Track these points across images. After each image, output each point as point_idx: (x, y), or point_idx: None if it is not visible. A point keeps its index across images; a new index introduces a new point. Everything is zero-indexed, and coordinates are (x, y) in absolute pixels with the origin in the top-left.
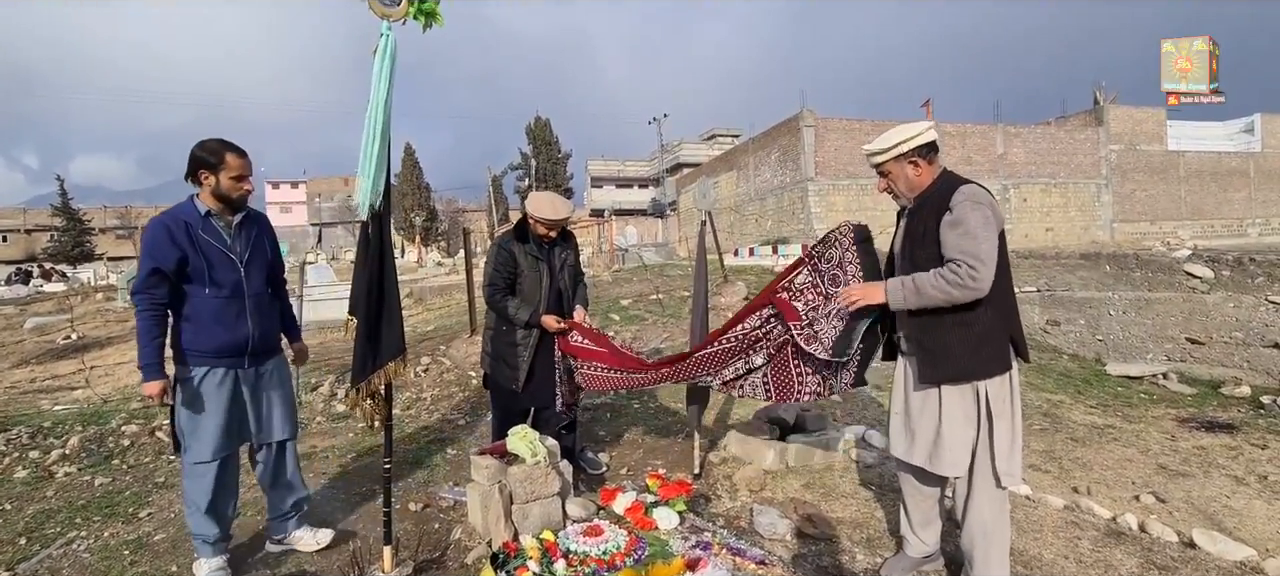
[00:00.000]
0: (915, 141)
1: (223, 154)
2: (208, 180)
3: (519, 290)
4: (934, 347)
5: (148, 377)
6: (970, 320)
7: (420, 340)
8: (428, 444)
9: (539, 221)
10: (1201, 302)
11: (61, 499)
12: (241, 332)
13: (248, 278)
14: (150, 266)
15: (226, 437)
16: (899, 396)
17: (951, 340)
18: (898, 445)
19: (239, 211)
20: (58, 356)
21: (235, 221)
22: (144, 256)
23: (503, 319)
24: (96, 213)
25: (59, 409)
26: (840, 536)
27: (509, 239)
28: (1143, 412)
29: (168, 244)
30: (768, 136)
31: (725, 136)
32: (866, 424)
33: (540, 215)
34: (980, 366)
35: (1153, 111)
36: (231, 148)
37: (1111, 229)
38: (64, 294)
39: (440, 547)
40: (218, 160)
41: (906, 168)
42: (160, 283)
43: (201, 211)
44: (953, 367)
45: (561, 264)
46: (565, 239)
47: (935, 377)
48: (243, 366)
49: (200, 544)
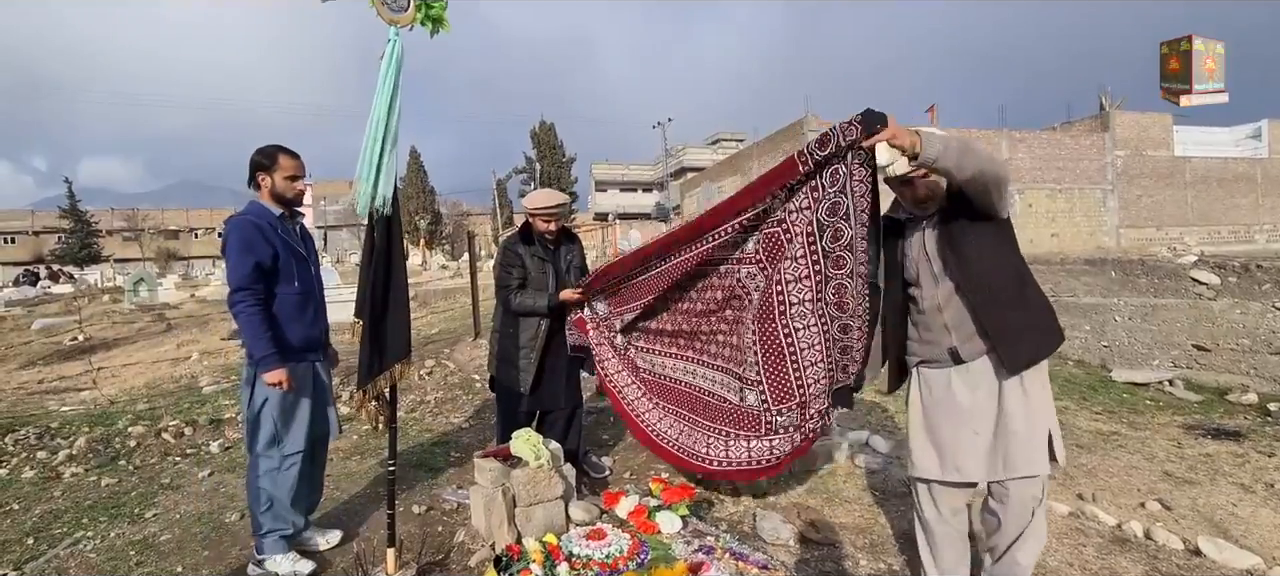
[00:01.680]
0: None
1: (276, 155)
2: (265, 182)
3: (525, 288)
4: (1008, 330)
5: (269, 367)
6: (1028, 296)
7: (424, 343)
8: (432, 446)
9: (537, 213)
10: (1208, 309)
11: (68, 499)
12: (319, 328)
13: (315, 276)
14: (252, 261)
15: (312, 428)
16: (943, 414)
17: (1020, 320)
18: (965, 467)
19: (297, 214)
20: (65, 357)
21: (298, 226)
22: (240, 253)
23: (522, 313)
24: (103, 215)
25: (66, 410)
26: (843, 542)
27: (515, 241)
28: (1149, 419)
29: (260, 239)
30: (772, 141)
31: (729, 141)
32: (870, 429)
33: (536, 205)
34: (1052, 338)
35: (1159, 117)
36: (284, 150)
37: (1118, 234)
38: (71, 295)
39: (443, 550)
40: (272, 161)
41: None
42: (260, 277)
43: (276, 213)
44: (1033, 345)
45: (567, 265)
46: (569, 239)
47: (1020, 361)
48: (321, 360)
49: (275, 540)
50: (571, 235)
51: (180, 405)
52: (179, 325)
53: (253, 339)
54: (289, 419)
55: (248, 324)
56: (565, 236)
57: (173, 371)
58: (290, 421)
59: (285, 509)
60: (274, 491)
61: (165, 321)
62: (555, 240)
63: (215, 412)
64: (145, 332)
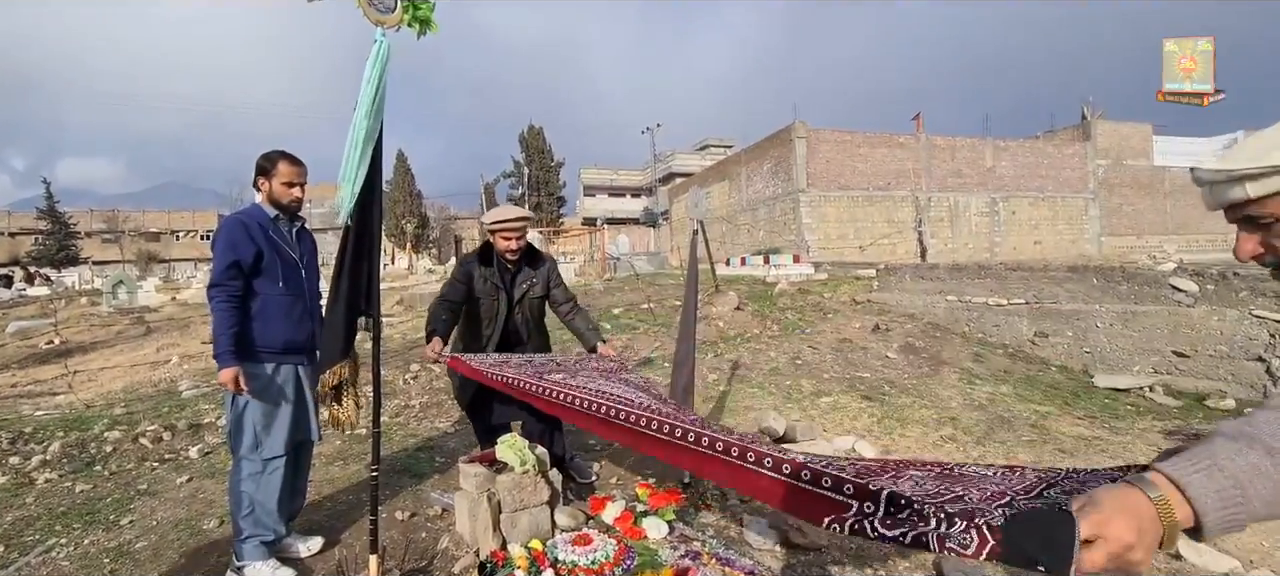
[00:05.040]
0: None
1: (276, 161)
2: (263, 185)
3: (476, 314)
4: None
5: (223, 365)
6: None
7: (409, 347)
8: (416, 451)
9: (497, 229)
10: (1186, 316)
11: (41, 505)
12: (305, 330)
13: (307, 280)
14: (230, 259)
15: (294, 432)
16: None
17: None
18: None
19: (295, 219)
20: (40, 361)
21: (295, 229)
22: (222, 250)
23: (429, 325)
24: (83, 216)
25: (40, 414)
26: (830, 547)
27: (472, 259)
28: (1129, 425)
29: (245, 238)
30: (760, 148)
31: (718, 147)
32: (855, 434)
33: (493, 219)
34: None
35: (1139, 127)
36: (286, 156)
37: (1099, 243)
38: (48, 298)
39: (428, 556)
40: (271, 166)
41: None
42: (237, 276)
43: (270, 215)
44: None
45: (522, 294)
46: (534, 262)
47: None
48: (304, 364)
49: (255, 546)
50: (537, 257)
51: (159, 409)
52: (159, 328)
53: (217, 334)
54: (269, 422)
55: (216, 319)
56: (530, 258)
57: (152, 375)
58: (271, 424)
59: (267, 514)
60: (256, 495)
61: (145, 324)
62: (516, 262)
63: (195, 417)
64: (124, 336)
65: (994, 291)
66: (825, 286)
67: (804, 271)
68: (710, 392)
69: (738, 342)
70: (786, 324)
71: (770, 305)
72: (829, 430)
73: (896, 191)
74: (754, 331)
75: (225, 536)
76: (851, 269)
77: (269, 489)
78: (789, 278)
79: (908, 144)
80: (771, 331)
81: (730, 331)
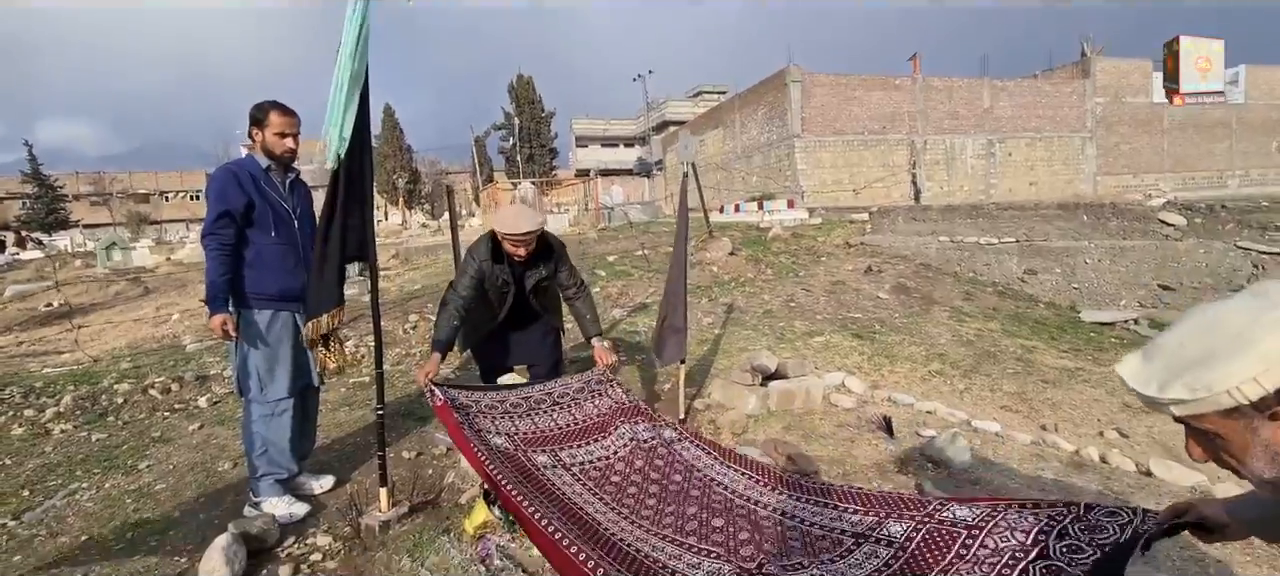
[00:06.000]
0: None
1: (268, 111)
2: (257, 136)
3: (487, 298)
4: None
5: (214, 310)
6: None
7: (408, 299)
8: (419, 397)
9: (506, 238)
10: (1173, 249)
11: (60, 454)
12: (298, 279)
13: (300, 231)
14: (220, 209)
15: (297, 374)
16: None
17: None
18: None
19: (289, 170)
20: (42, 322)
21: (288, 180)
22: (213, 200)
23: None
24: (69, 179)
25: (49, 371)
26: (820, 473)
27: (482, 257)
28: (1113, 356)
29: (235, 188)
30: (754, 93)
31: (712, 93)
32: (845, 370)
33: (503, 230)
34: None
35: (1139, 63)
36: (277, 106)
37: (1094, 182)
38: (41, 261)
39: (434, 490)
40: (263, 116)
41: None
42: (228, 225)
43: (262, 165)
44: None
45: (533, 283)
46: (546, 254)
47: None
48: (300, 312)
49: (270, 483)
50: (547, 249)
51: (165, 363)
52: (157, 288)
53: (208, 281)
54: (272, 366)
55: (208, 266)
56: (541, 251)
57: (155, 332)
58: (273, 369)
59: (280, 453)
60: (268, 435)
61: (143, 285)
62: (521, 258)
63: (201, 369)
64: (124, 296)
65: (985, 231)
66: (819, 231)
67: (798, 216)
68: (705, 335)
69: (732, 287)
70: (780, 268)
71: (764, 250)
72: (820, 367)
73: (892, 135)
74: (748, 276)
75: (240, 478)
76: (846, 213)
77: (279, 429)
78: (783, 223)
79: (904, 86)
80: (765, 275)
81: (724, 276)
